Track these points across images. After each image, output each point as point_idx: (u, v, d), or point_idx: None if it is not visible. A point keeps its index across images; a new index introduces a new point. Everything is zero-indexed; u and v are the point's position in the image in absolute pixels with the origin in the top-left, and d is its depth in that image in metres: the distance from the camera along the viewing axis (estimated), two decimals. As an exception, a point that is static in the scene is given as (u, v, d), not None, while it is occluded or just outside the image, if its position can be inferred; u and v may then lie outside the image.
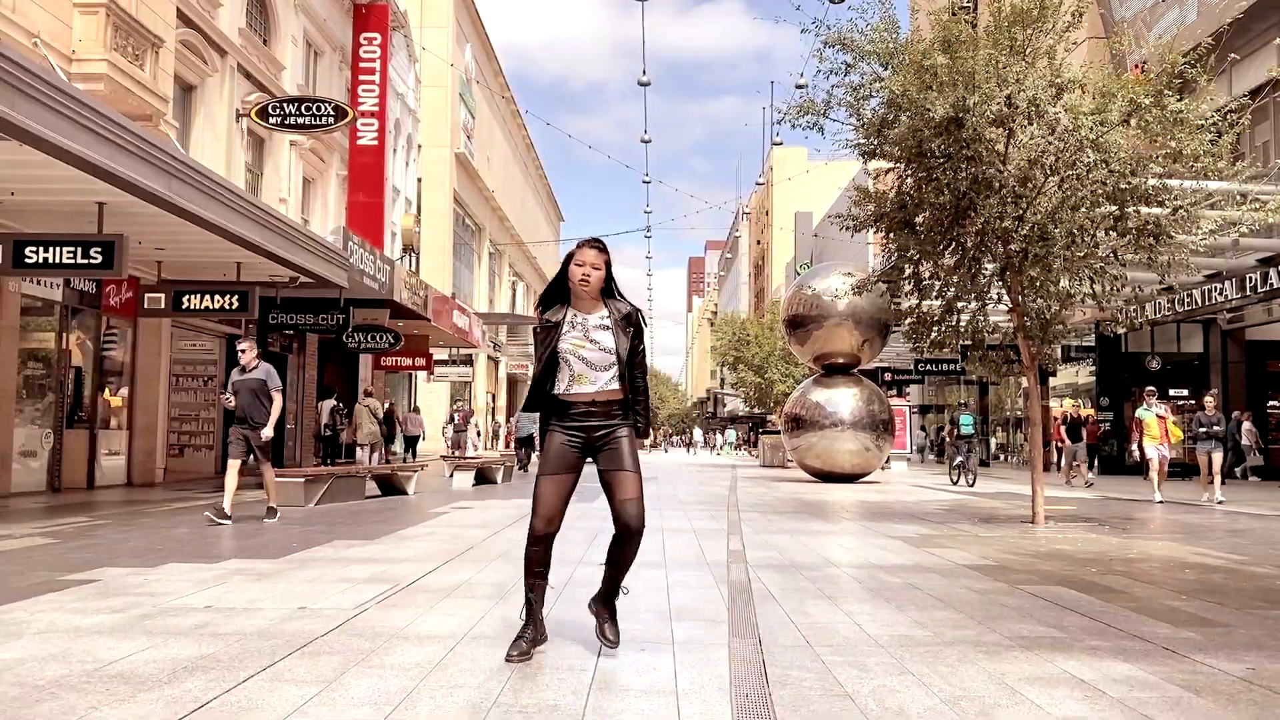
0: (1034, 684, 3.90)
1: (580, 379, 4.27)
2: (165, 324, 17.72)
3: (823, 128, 11.64)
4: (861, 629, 4.97)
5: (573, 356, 4.26)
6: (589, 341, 4.26)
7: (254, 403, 10.37)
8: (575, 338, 4.26)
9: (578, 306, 4.33)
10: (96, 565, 6.91)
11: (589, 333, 4.27)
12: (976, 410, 39.00)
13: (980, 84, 9.98)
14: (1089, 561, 7.87)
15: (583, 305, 4.33)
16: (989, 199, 10.48)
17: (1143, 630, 4.99)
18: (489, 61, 47.46)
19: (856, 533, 10.21)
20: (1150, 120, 10.06)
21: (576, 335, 4.27)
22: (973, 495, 17.09)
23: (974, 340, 12.09)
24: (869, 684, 3.88)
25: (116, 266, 10.83)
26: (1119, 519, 12.19)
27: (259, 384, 10.44)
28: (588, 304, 4.33)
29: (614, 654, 4.33)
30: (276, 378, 10.62)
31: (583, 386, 4.27)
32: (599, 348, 4.26)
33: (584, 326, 4.29)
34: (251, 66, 20.81)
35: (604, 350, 4.26)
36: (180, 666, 3.98)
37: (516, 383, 55.59)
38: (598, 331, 4.28)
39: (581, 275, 4.25)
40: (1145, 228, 10.65)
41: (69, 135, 8.84)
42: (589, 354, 4.25)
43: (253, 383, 10.44)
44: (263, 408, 10.39)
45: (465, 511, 12.17)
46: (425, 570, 6.87)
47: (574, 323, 4.30)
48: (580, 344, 4.26)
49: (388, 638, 4.60)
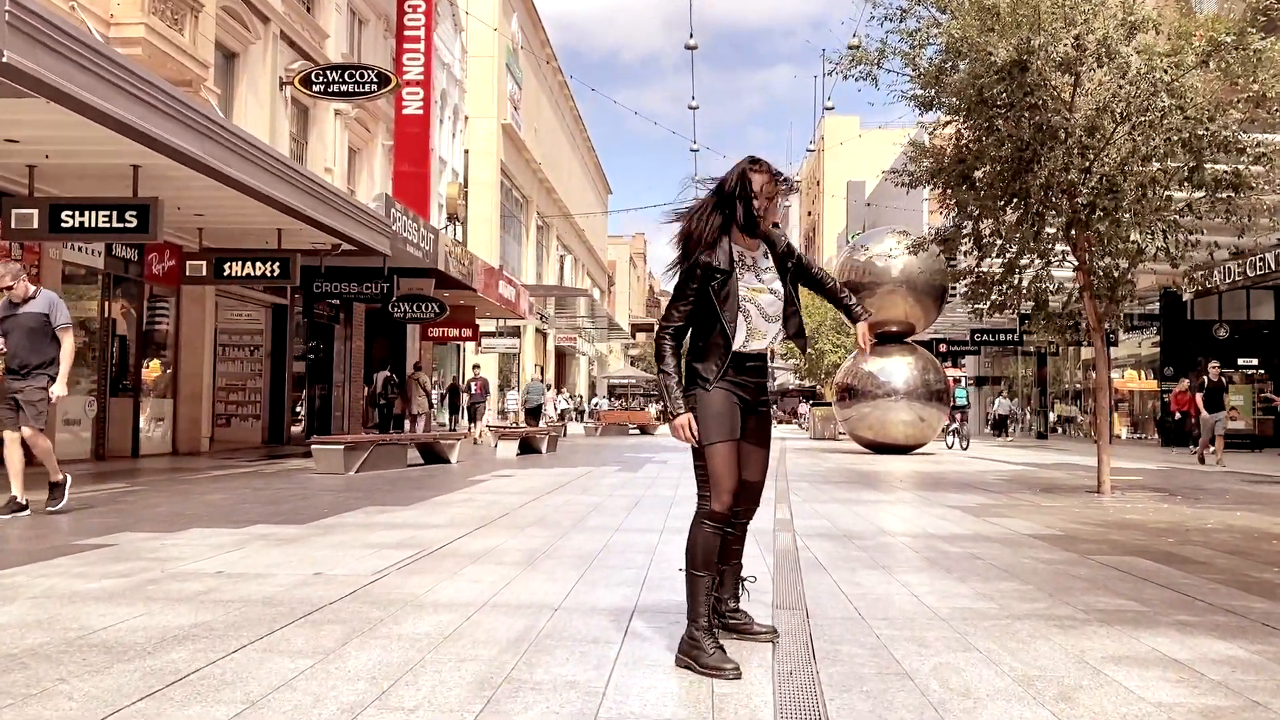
0: (1119, 664, 3.43)
1: (755, 333, 3.48)
2: (209, 293, 17.61)
3: (876, 79, 11.06)
4: (920, 600, 4.53)
5: (750, 304, 3.46)
6: (762, 287, 3.49)
7: (30, 345, 7.57)
8: (750, 281, 3.48)
9: (739, 241, 3.51)
10: (117, 530, 6.66)
11: (759, 274, 3.52)
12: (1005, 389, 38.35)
13: (1046, 24, 9.34)
14: (1163, 531, 7.33)
15: (743, 240, 3.51)
16: (1054, 150, 9.86)
17: (1234, 604, 4.49)
18: (536, 32, 46.96)
19: (911, 502, 9.72)
20: (1231, 61, 9.34)
21: (751, 278, 3.49)
22: (1033, 466, 16.46)
23: (1037, 301, 11.47)
24: (929, 661, 3.44)
25: (152, 230, 10.64)
26: (1190, 489, 11.55)
27: (38, 321, 7.62)
28: (747, 239, 3.52)
29: (646, 625, 3.94)
30: (64, 311, 7.83)
31: (756, 342, 3.49)
32: (771, 293, 3.51)
33: (755, 268, 3.51)
34: (295, 34, 20.56)
35: (777, 296, 3.52)
36: (169, 635, 3.65)
37: (564, 355, 55.41)
38: (766, 274, 3.53)
39: (767, 203, 3.45)
40: (1223, 179, 9.96)
41: (101, 95, 8.58)
42: (764, 301, 3.49)
43: (29, 319, 7.60)
44: (43, 351, 7.61)
45: (506, 479, 11.86)
46: (455, 536, 6.53)
47: (744, 262, 3.50)
48: (757, 290, 3.48)
49: (401, 605, 4.25)
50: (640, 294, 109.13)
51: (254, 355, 20.30)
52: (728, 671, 3.20)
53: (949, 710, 2.90)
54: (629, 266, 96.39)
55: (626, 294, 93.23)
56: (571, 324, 50.94)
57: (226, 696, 2.93)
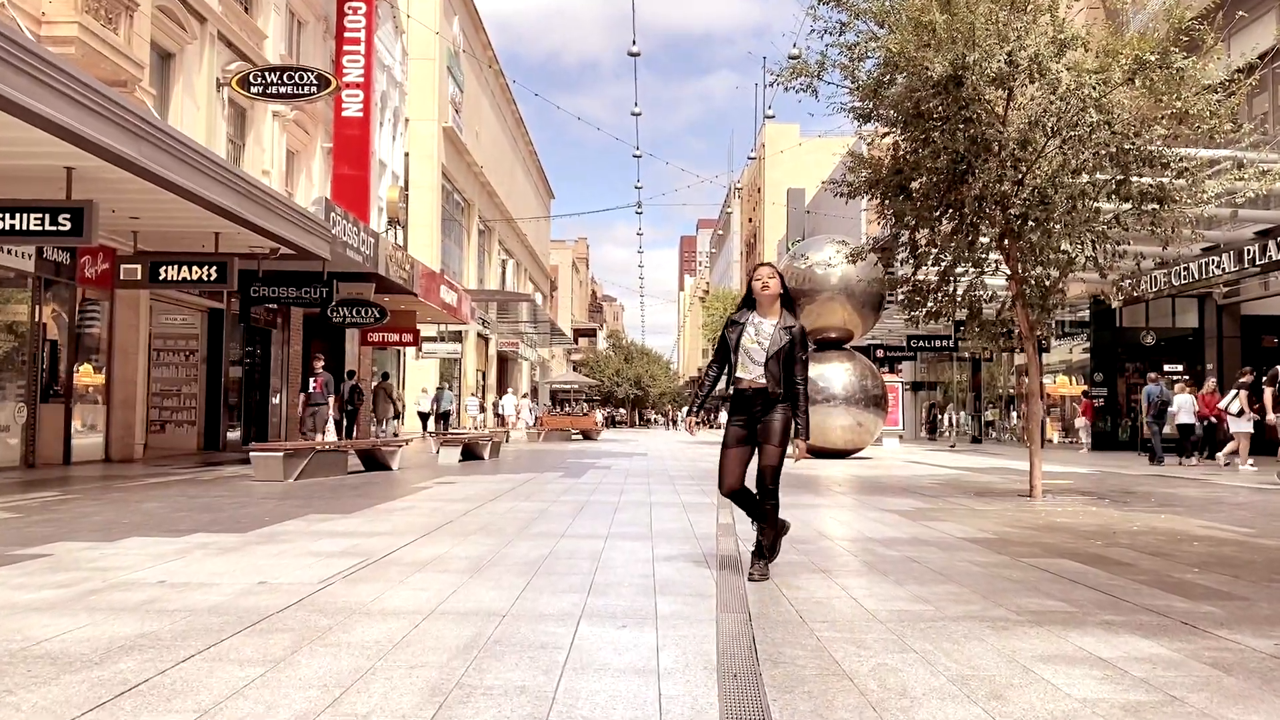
0: (1048, 662, 3.58)
1: (744, 368, 5.31)
2: (144, 297, 17.30)
3: (816, 90, 11.25)
4: (859, 604, 4.66)
5: (744, 352, 5.32)
6: (757, 339, 5.31)
7: None
8: (750, 334, 5.34)
9: (760, 312, 5.43)
10: (53, 539, 6.56)
11: (759, 331, 5.33)
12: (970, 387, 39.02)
13: (980, 40, 9.60)
14: (1092, 535, 7.58)
15: (763, 311, 5.43)
16: (987, 162, 10.13)
17: (1157, 604, 4.68)
18: (477, 34, 46.77)
19: (850, 506, 9.91)
20: (1155, 79, 9.68)
21: (750, 332, 5.34)
22: (967, 470, 16.81)
23: (971, 310, 11.75)
24: (868, 662, 3.56)
25: (86, 234, 10.45)
26: (1118, 492, 11.91)
27: None
28: (766, 310, 5.42)
29: (594, 630, 4.01)
30: None
31: (744, 374, 5.31)
32: (760, 346, 5.28)
33: (757, 327, 5.35)
34: (232, 35, 20.29)
35: (763, 347, 5.28)
36: (116, 645, 3.64)
37: (506, 360, 55.20)
38: (764, 332, 5.32)
39: (761, 285, 5.38)
40: (1148, 193, 10.31)
41: (33, 95, 8.43)
42: (752, 348, 5.30)
43: None
44: None
45: (448, 486, 11.83)
46: (399, 544, 6.54)
47: (753, 323, 5.39)
48: (751, 341, 5.32)
49: (349, 613, 4.27)
50: (583, 299, 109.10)
51: (189, 360, 19.98)
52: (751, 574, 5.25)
53: (887, 709, 3.01)
54: (571, 271, 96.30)
55: (569, 299, 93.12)
56: (514, 329, 50.76)
57: (178, 706, 2.93)
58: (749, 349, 5.28)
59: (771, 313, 5.38)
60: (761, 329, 5.32)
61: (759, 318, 5.37)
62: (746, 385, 5.28)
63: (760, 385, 5.22)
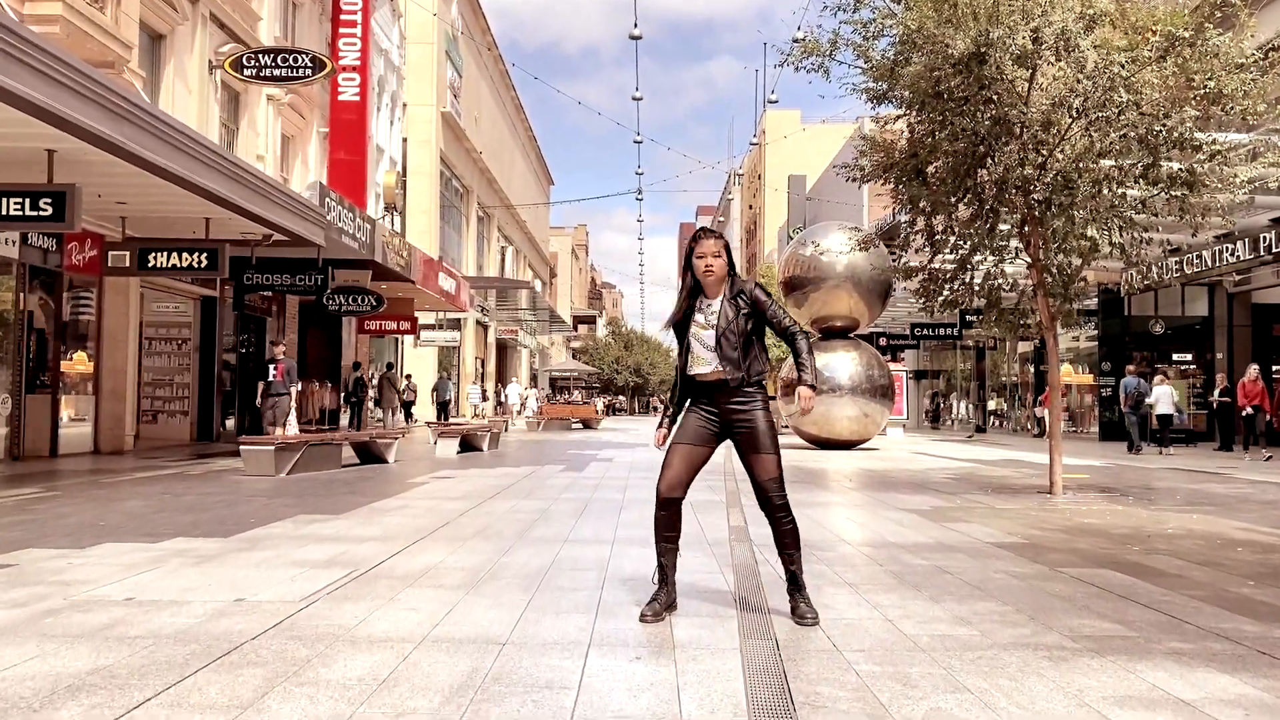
0: (1124, 706, 3.14)
1: (697, 360, 4.45)
2: (134, 284, 16.83)
3: (828, 70, 10.78)
4: (895, 626, 4.22)
5: (694, 340, 4.47)
6: (706, 325, 4.44)
7: None
8: (699, 320, 4.47)
9: (708, 294, 4.51)
10: (21, 545, 6.13)
11: (708, 312, 4.46)
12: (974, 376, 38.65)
13: (1003, 16, 9.12)
14: (1126, 539, 7.14)
15: (712, 294, 4.49)
16: (1008, 145, 9.67)
17: (1225, 628, 4.25)
18: (476, 19, 46.13)
19: (864, 505, 9.48)
20: (1188, 57, 9.19)
21: (699, 318, 4.47)
22: (978, 463, 16.39)
23: (990, 299, 11.31)
24: (919, 706, 3.12)
25: (69, 219, 10.00)
26: (1139, 488, 11.48)
27: None
28: (714, 292, 4.48)
29: (604, 663, 3.58)
30: None
31: (699, 368, 4.44)
32: (710, 329, 4.42)
33: (706, 309, 4.48)
34: (225, 16, 19.76)
35: (713, 325, 4.41)
36: (63, 685, 3.20)
37: (506, 348, 54.73)
38: (712, 315, 4.44)
39: (705, 266, 4.41)
40: (1178, 177, 9.84)
41: (11, 74, 7.97)
42: (704, 335, 4.43)
43: None
44: None
45: (446, 482, 11.40)
46: (391, 551, 6.10)
47: (700, 307, 4.51)
48: (702, 327, 4.45)
49: (330, 641, 3.84)
50: (582, 286, 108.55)
51: (182, 349, 19.53)
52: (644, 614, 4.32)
53: (951, 772, 2.58)
54: (571, 258, 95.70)
55: (569, 286, 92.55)
56: (513, 316, 50.29)
57: (120, 771, 2.51)
58: (699, 336, 4.43)
59: (720, 291, 4.46)
60: (710, 308, 4.43)
61: (707, 300, 4.48)
62: (706, 378, 4.42)
63: (721, 377, 4.37)
